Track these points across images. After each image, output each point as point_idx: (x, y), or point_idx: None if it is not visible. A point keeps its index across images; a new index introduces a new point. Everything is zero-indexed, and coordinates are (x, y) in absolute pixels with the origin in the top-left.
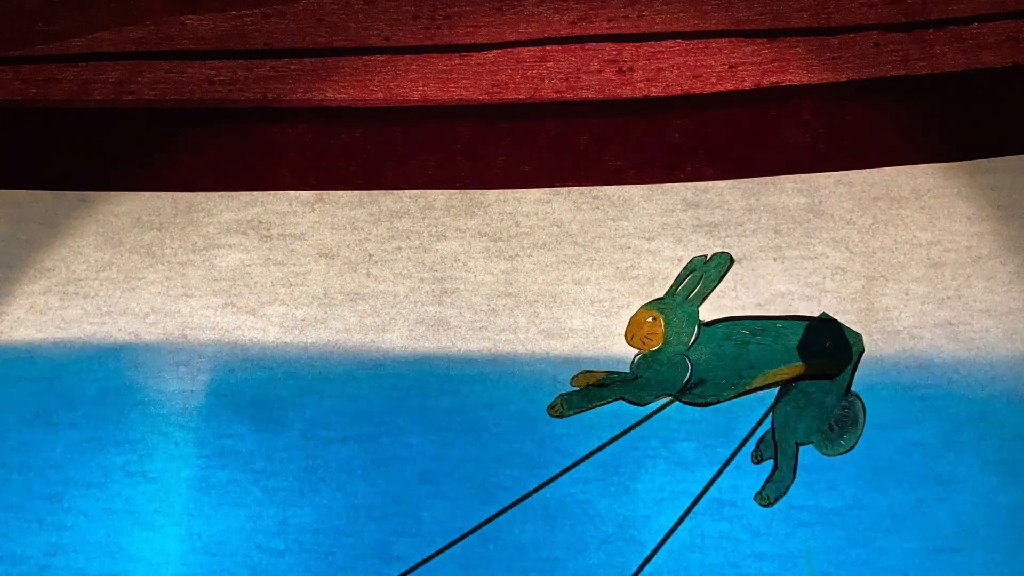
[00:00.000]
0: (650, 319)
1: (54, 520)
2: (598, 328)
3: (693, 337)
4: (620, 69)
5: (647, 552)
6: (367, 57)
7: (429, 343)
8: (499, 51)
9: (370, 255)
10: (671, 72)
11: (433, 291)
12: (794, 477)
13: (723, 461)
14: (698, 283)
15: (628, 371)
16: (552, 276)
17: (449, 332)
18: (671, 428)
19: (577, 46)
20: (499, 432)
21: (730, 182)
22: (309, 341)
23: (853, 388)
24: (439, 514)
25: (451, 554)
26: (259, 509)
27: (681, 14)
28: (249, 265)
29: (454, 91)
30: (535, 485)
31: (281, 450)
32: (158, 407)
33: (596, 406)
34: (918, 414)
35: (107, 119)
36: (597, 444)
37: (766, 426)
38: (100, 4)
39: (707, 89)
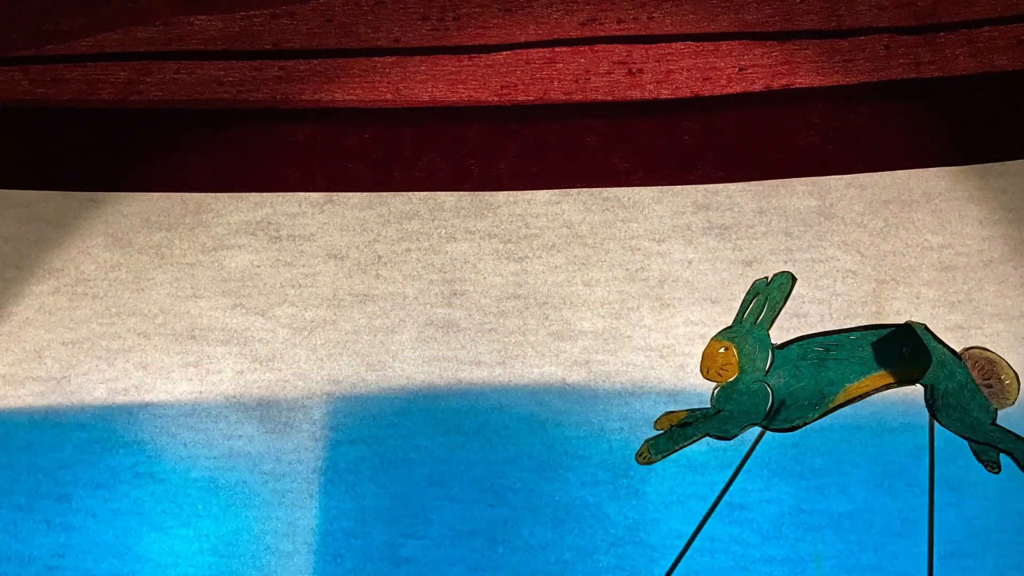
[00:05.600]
0: (722, 350)
1: (62, 521)
2: (608, 330)
3: (768, 362)
4: (630, 71)
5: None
6: (376, 58)
7: (438, 345)
8: (508, 52)
9: (379, 256)
10: (681, 74)
11: (442, 293)
12: None
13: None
14: (763, 307)
15: (709, 406)
16: (562, 278)
17: (458, 334)
18: None
19: (586, 48)
20: (508, 434)
21: (740, 184)
22: (318, 342)
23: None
24: (448, 516)
25: (460, 556)
26: (267, 511)
27: (691, 16)
28: (258, 266)
29: (463, 92)
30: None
31: (290, 452)
32: (167, 408)
33: (683, 447)
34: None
35: (116, 119)
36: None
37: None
38: (109, 4)
39: (717, 91)
